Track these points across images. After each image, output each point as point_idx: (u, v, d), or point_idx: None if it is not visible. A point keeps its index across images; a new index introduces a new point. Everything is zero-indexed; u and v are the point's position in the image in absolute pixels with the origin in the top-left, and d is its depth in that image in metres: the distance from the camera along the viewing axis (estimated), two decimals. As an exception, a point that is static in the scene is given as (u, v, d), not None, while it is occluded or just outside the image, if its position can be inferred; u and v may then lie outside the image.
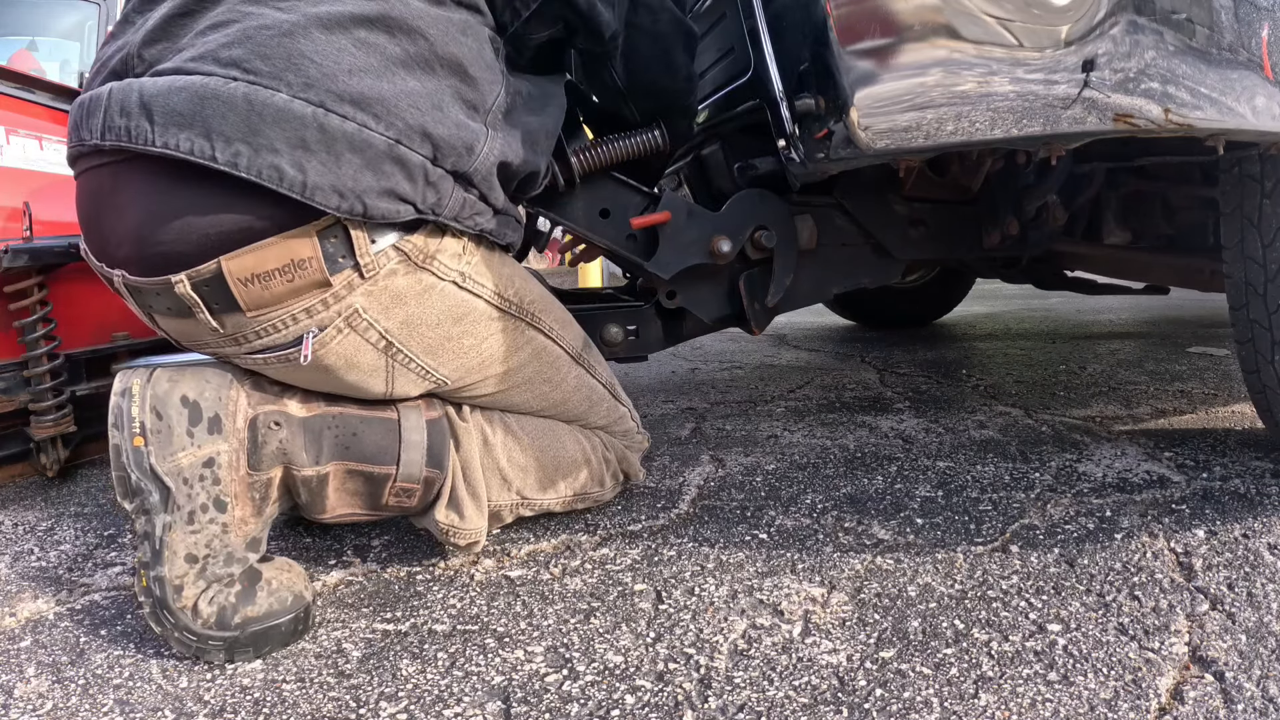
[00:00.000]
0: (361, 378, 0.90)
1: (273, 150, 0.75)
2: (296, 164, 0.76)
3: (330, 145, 0.77)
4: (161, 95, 0.75)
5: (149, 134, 0.75)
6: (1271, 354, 1.14)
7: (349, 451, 0.90)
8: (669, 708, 0.71)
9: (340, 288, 0.82)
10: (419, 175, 0.82)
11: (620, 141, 1.30)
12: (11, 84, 1.55)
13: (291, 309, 0.81)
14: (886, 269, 1.55)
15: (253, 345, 0.84)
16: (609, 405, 1.15)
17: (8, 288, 1.31)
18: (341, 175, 0.78)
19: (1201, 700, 0.69)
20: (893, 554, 0.99)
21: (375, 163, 0.79)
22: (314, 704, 0.73)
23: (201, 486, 0.81)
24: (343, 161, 0.78)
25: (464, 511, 0.95)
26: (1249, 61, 0.97)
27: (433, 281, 0.89)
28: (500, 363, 0.99)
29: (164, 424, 0.81)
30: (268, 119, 0.75)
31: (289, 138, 0.76)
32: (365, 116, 0.79)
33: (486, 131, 0.88)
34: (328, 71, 0.78)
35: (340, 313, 0.84)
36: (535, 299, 1.03)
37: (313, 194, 0.76)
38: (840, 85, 0.93)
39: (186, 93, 0.75)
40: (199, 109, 0.74)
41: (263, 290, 0.79)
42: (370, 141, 0.79)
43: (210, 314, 0.81)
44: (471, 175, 0.87)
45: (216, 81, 0.75)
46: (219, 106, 0.74)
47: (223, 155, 0.75)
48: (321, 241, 0.80)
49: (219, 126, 0.74)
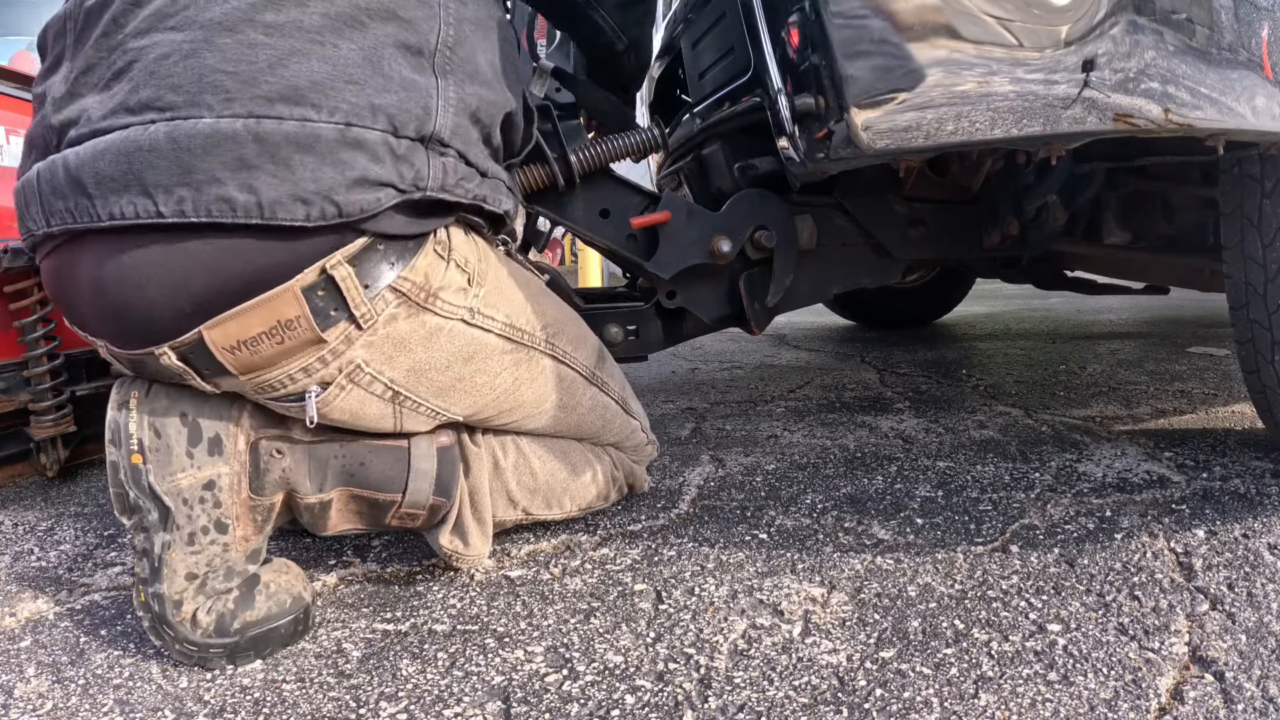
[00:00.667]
0: (370, 425, 0.86)
1: (214, 182, 0.69)
2: (244, 186, 0.69)
3: (274, 153, 0.70)
4: (88, 164, 0.70)
5: (90, 209, 0.70)
6: (1271, 354, 1.14)
7: (354, 479, 0.87)
8: (669, 708, 0.71)
9: (337, 343, 0.77)
10: (384, 153, 0.74)
11: (620, 140, 1.30)
12: (11, 84, 1.55)
13: (288, 369, 0.77)
14: (886, 269, 1.55)
15: (255, 398, 0.82)
16: (622, 421, 1.12)
17: (8, 288, 1.31)
18: (299, 181, 0.70)
19: (1201, 700, 0.69)
20: (893, 554, 0.99)
21: (330, 155, 0.72)
22: (314, 704, 0.73)
23: (202, 509, 0.79)
24: (294, 165, 0.70)
25: (469, 539, 0.94)
26: (1249, 61, 0.97)
27: (439, 323, 0.83)
28: (515, 395, 0.95)
29: (163, 442, 0.78)
30: (197, 151, 0.69)
31: (227, 161, 0.69)
32: (303, 110, 0.71)
33: (436, 81, 0.79)
34: (245, 77, 0.71)
35: (341, 369, 0.79)
36: (549, 322, 0.98)
37: (274, 211, 0.70)
38: (840, 85, 0.93)
39: (110, 154, 0.70)
40: (128, 167, 0.69)
41: (251, 355, 0.74)
42: (318, 134, 0.71)
43: (202, 379, 0.77)
44: (440, 134, 0.79)
45: (135, 131, 0.69)
46: (145, 157, 0.69)
47: (167, 208, 0.69)
48: (307, 296, 0.73)
49: (153, 178, 0.69)
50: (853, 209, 1.47)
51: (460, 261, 0.85)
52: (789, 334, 3.09)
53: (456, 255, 0.85)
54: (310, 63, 0.72)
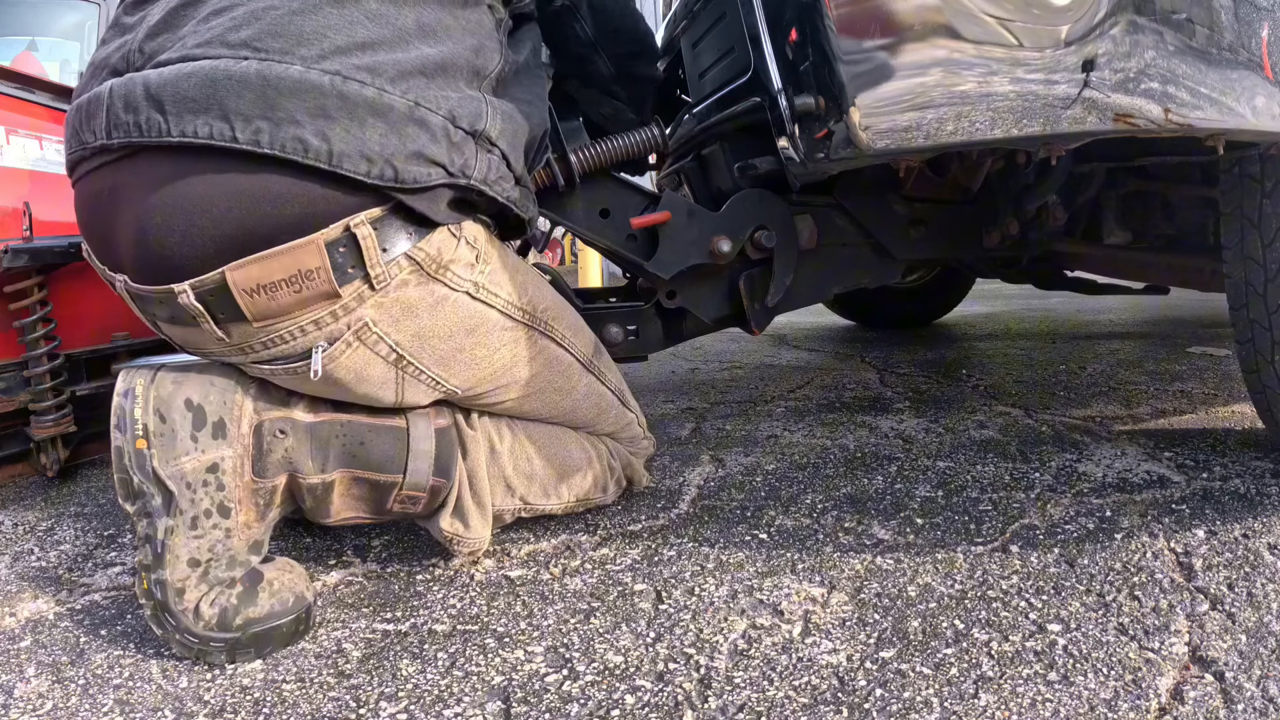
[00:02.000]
0: (371, 390, 0.89)
1: (294, 122, 0.74)
2: (319, 133, 0.74)
3: (352, 111, 0.76)
4: (170, 84, 0.74)
5: (161, 125, 0.74)
6: (1271, 354, 1.14)
7: (355, 460, 0.89)
8: (669, 708, 0.71)
9: (350, 299, 0.80)
10: (442, 136, 0.81)
11: (620, 140, 1.30)
12: (11, 84, 1.55)
13: (300, 321, 0.79)
14: (886, 269, 1.55)
15: (259, 356, 0.83)
16: (617, 412, 1.14)
17: (8, 288, 1.31)
18: (367, 140, 0.76)
19: (1201, 700, 0.69)
20: (893, 554, 0.99)
21: (399, 125, 0.78)
22: (314, 704, 0.73)
23: (205, 492, 0.80)
24: (366, 126, 0.76)
25: (469, 521, 0.95)
26: (1249, 61, 0.97)
27: (445, 293, 0.87)
28: (512, 372, 0.98)
29: (167, 427, 0.80)
30: (284, 91, 0.74)
31: (309, 107, 0.74)
32: (382, 81, 0.78)
33: (484, 99, 0.87)
34: (341, 45, 0.77)
35: (350, 325, 0.82)
36: (548, 306, 1.02)
37: (340, 161, 0.75)
38: (840, 85, 0.93)
39: (197, 77, 0.73)
40: (212, 91, 0.73)
41: (269, 301, 0.77)
42: (392, 105, 0.78)
43: (215, 324, 0.79)
44: (489, 133, 0.86)
45: (227, 62, 0.74)
46: (233, 86, 0.73)
47: (243, 135, 0.73)
48: (330, 251, 0.77)
49: (235, 106, 0.73)
50: (853, 209, 1.47)
51: (470, 239, 0.89)
52: (789, 334, 3.09)
53: (467, 234, 0.89)
54: (398, 52, 0.80)
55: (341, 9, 0.79)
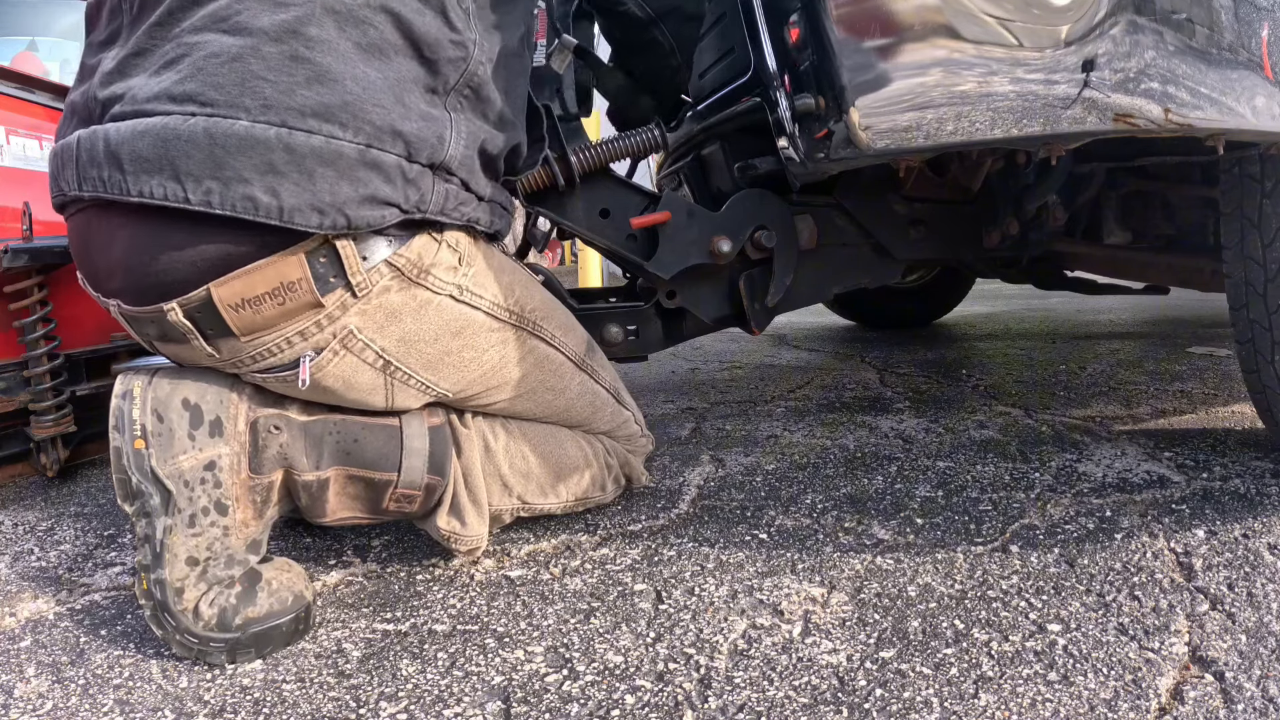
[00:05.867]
0: (361, 396, 0.89)
1: (242, 181, 0.74)
2: (269, 189, 0.75)
3: (300, 164, 0.75)
4: (127, 141, 0.75)
5: (122, 183, 0.75)
6: (1271, 354, 1.14)
7: (350, 457, 0.89)
8: (669, 708, 0.71)
9: (333, 308, 0.81)
10: (396, 175, 0.80)
11: (620, 141, 1.30)
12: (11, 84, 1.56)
13: (285, 332, 0.81)
14: (886, 269, 1.55)
15: (250, 369, 0.84)
16: (613, 410, 1.14)
17: (8, 288, 1.31)
18: (317, 192, 0.76)
19: (1201, 700, 0.69)
20: (893, 554, 0.99)
21: (349, 172, 0.77)
22: (314, 704, 0.73)
23: (203, 490, 0.81)
24: (316, 178, 0.76)
25: (465, 519, 0.95)
26: (1249, 61, 0.97)
27: (429, 296, 0.88)
28: (502, 373, 0.98)
29: (165, 427, 0.81)
30: (231, 150, 0.74)
31: (256, 164, 0.74)
32: (331, 127, 0.77)
33: (449, 117, 0.85)
34: (284, 88, 0.76)
35: (335, 334, 0.83)
36: (536, 306, 1.02)
37: (291, 217, 0.75)
38: (840, 85, 0.93)
39: (150, 136, 0.74)
40: (164, 151, 0.74)
41: (254, 315, 0.79)
42: (341, 152, 0.77)
43: (205, 340, 0.81)
44: (449, 164, 0.85)
45: (175, 120, 0.74)
46: (182, 146, 0.74)
47: (195, 196, 0.74)
48: (310, 262, 0.79)
49: (186, 166, 0.74)
50: (853, 209, 1.47)
51: (452, 243, 0.90)
52: (789, 334, 3.09)
53: (448, 238, 0.90)
54: (345, 84, 0.78)
55: (280, 45, 0.76)
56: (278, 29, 0.76)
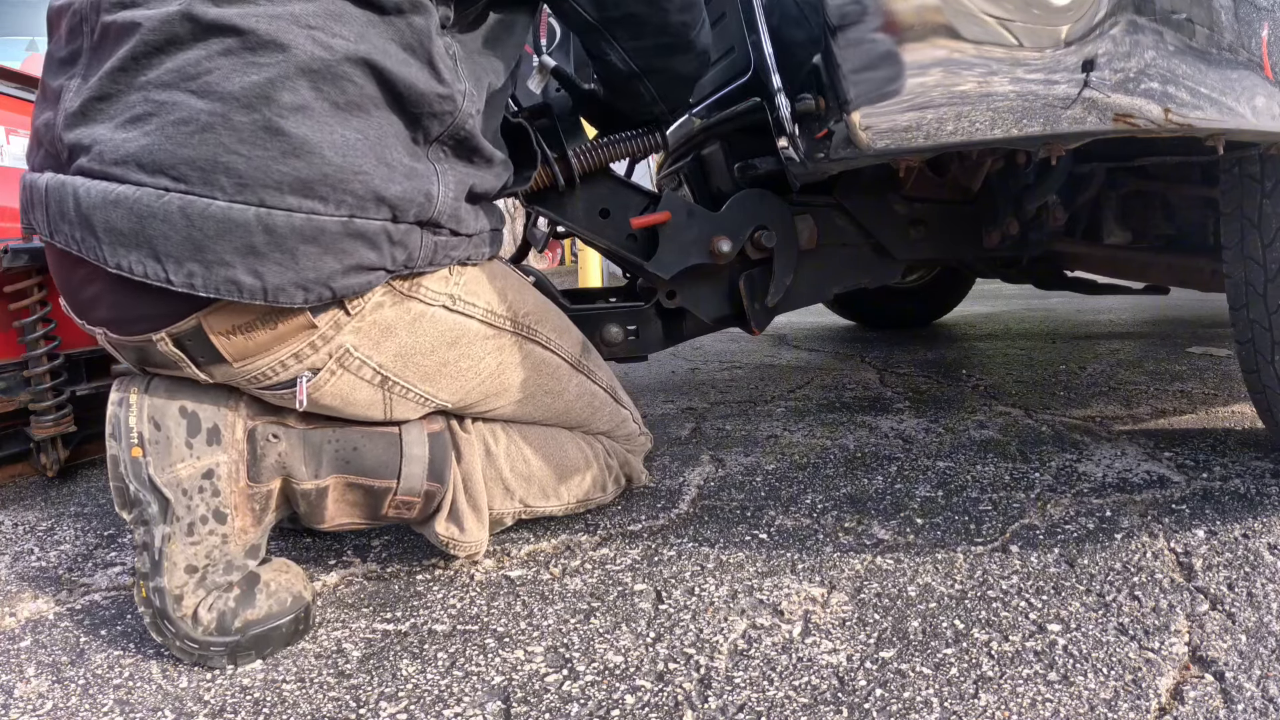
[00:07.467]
0: (360, 411, 0.89)
1: (224, 264, 0.71)
2: (252, 271, 0.72)
3: (281, 244, 0.72)
4: (99, 209, 0.71)
5: (97, 251, 0.72)
6: (1271, 354, 1.14)
7: (349, 465, 0.89)
8: (669, 708, 0.71)
9: (327, 328, 0.80)
10: (382, 240, 0.78)
11: (620, 142, 1.30)
12: (11, 84, 1.55)
13: (279, 356, 0.79)
14: (886, 269, 1.55)
15: (248, 390, 0.84)
16: (611, 410, 1.14)
17: (8, 288, 1.31)
18: (301, 270, 0.74)
19: (1201, 700, 0.69)
20: (893, 554, 0.99)
21: (333, 245, 0.75)
22: (314, 704, 0.73)
23: (201, 498, 0.80)
24: (299, 256, 0.73)
25: (464, 524, 0.95)
26: (1249, 61, 0.97)
27: (422, 309, 0.87)
28: (499, 380, 0.98)
29: (162, 435, 0.80)
30: (210, 233, 0.71)
31: (237, 247, 0.71)
32: (312, 203, 0.73)
33: (435, 169, 0.82)
34: (258, 163, 0.72)
35: (331, 354, 0.82)
36: (530, 310, 1.02)
37: (276, 296, 0.73)
38: (841, 85, 0.93)
39: (123, 208, 0.71)
40: (140, 228, 0.71)
41: (246, 340, 0.77)
42: (323, 228, 0.74)
43: (196, 367, 0.80)
44: (438, 219, 0.83)
45: (149, 195, 0.70)
46: (159, 226, 0.70)
47: (177, 278, 0.71)
48: None
49: (164, 248, 0.71)
50: (853, 209, 1.47)
51: None
52: (789, 334, 3.09)
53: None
54: (323, 153, 0.73)
55: (252, 114, 0.71)
56: (249, 94, 0.72)
